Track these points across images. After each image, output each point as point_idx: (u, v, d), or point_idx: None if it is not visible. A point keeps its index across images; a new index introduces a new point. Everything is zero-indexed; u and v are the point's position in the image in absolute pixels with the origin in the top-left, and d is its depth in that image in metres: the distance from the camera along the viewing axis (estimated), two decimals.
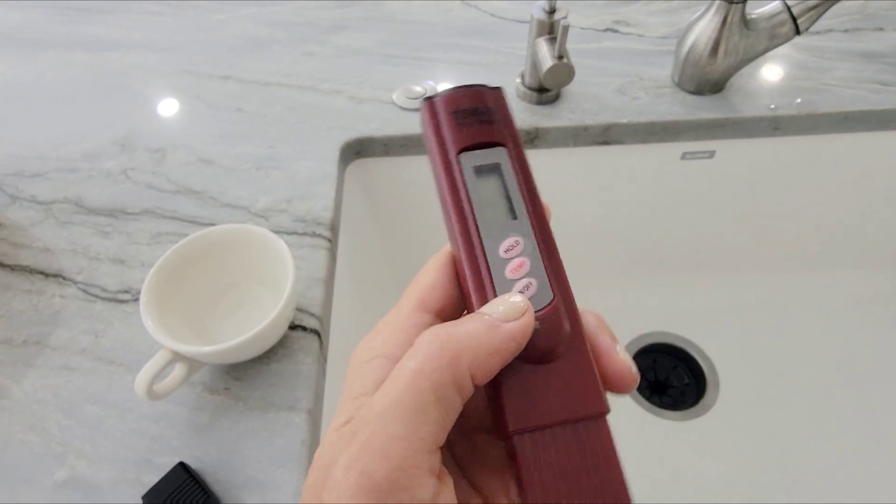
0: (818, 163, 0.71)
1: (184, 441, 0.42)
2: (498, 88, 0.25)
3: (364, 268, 0.70)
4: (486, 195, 0.23)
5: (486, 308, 0.20)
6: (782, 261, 0.86)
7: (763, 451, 0.75)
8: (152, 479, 0.39)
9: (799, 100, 0.65)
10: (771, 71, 0.69)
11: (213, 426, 0.42)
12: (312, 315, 0.48)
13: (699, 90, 0.65)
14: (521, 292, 0.21)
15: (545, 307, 0.21)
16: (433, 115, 0.25)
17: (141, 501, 0.38)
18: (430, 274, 0.23)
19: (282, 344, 0.46)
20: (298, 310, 0.48)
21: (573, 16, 0.78)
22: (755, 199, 0.76)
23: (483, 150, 0.24)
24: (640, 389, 0.81)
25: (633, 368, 0.21)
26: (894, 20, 0.76)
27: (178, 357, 0.40)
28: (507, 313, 0.20)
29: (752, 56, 0.61)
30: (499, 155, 0.24)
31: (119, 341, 0.47)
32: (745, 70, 0.67)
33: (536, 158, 0.67)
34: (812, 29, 0.66)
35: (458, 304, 0.23)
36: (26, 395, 0.44)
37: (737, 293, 0.88)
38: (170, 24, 0.82)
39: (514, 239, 0.22)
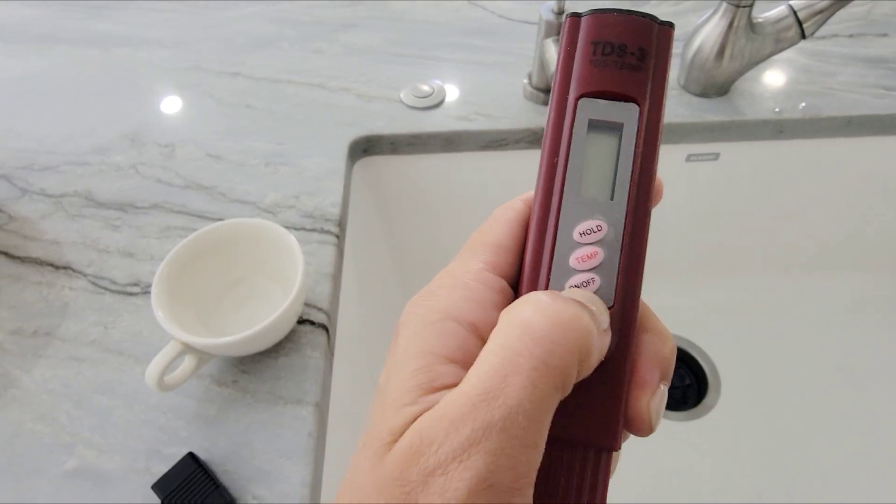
0: (821, 166, 0.71)
1: (192, 432, 0.42)
2: (667, 26, 0.20)
3: (371, 264, 0.71)
4: (589, 158, 0.19)
5: (594, 307, 0.17)
6: (784, 263, 0.87)
7: (764, 452, 0.75)
8: (161, 468, 0.40)
9: (803, 104, 0.65)
10: (776, 75, 0.70)
11: (221, 418, 0.43)
12: (320, 310, 0.48)
13: (705, 93, 0.66)
14: (575, 286, 0.19)
15: None
16: (572, 36, 0.20)
17: (150, 491, 0.39)
18: (500, 230, 0.20)
19: (290, 338, 0.46)
20: (306, 305, 0.48)
21: None
22: (758, 201, 0.76)
23: (611, 103, 0.19)
24: None
25: (654, 423, 0.19)
26: None
27: (187, 349, 0.40)
28: (606, 325, 0.18)
29: (758, 60, 0.62)
30: (627, 114, 0.19)
31: (128, 333, 0.48)
32: (750, 73, 0.67)
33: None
34: (817, 34, 0.67)
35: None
36: (36, 386, 0.45)
37: (739, 295, 0.88)
38: (179, 21, 0.83)
39: (596, 222, 0.19)
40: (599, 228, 0.19)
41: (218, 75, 0.72)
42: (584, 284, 0.18)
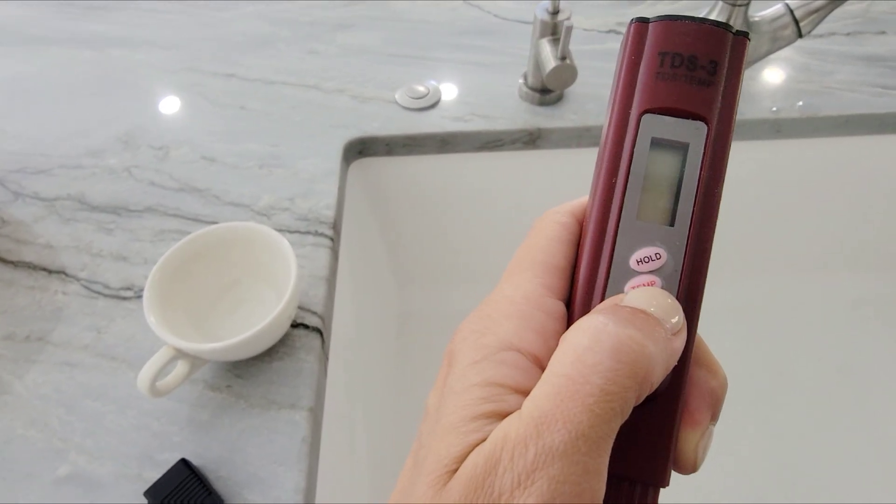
0: (819, 165, 0.71)
1: (185, 438, 0.42)
2: (743, 37, 0.18)
3: (366, 267, 0.70)
4: (651, 180, 0.18)
5: (658, 311, 0.17)
6: (782, 262, 0.86)
7: (762, 452, 0.75)
8: (154, 475, 0.40)
9: (801, 103, 0.65)
10: (773, 73, 0.69)
11: (214, 423, 0.42)
12: (314, 313, 0.48)
13: None
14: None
15: None
16: (637, 44, 0.19)
17: (143, 497, 0.38)
18: (552, 249, 0.19)
19: (283, 342, 0.46)
20: (300, 308, 0.48)
21: (576, 17, 0.78)
22: (756, 201, 0.76)
23: (678, 120, 0.18)
24: None
25: (699, 462, 0.18)
26: None
27: (180, 354, 0.40)
28: (678, 325, 0.17)
29: (755, 59, 0.61)
30: (694, 133, 0.18)
31: (121, 338, 0.47)
32: (747, 73, 0.67)
33: (539, 159, 0.67)
34: (814, 32, 0.66)
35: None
36: (28, 391, 0.45)
37: (737, 295, 0.88)
38: (174, 22, 0.82)
39: (655, 250, 0.18)
40: (658, 257, 0.18)
41: (213, 76, 0.72)
42: None
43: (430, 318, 0.88)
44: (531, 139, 0.64)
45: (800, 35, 0.59)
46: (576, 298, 0.18)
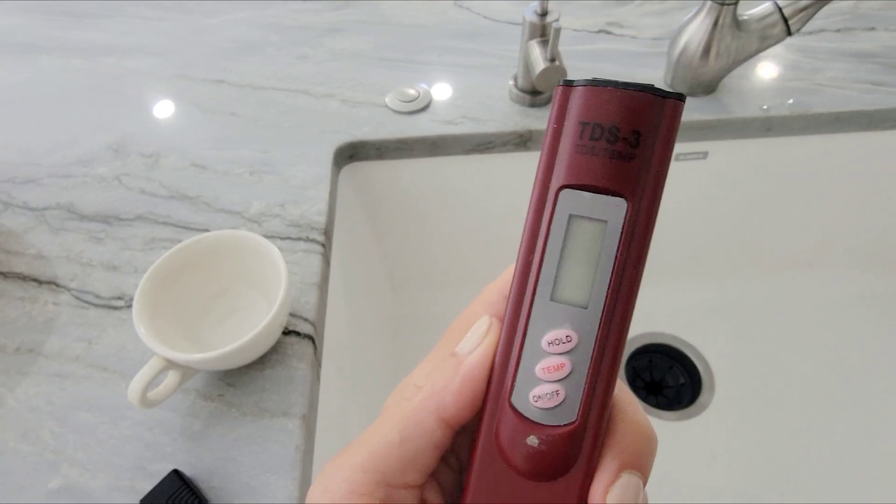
0: (810, 163, 0.71)
1: (178, 448, 0.42)
2: (674, 99, 0.17)
3: (358, 272, 0.70)
4: (567, 258, 0.17)
5: (460, 344, 0.19)
6: (776, 260, 0.86)
7: (758, 451, 0.75)
8: (146, 486, 0.39)
9: (791, 100, 0.65)
10: (763, 71, 0.69)
11: (206, 433, 0.42)
12: (306, 320, 0.48)
13: (692, 91, 0.65)
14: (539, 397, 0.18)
15: (559, 426, 0.17)
16: (560, 111, 0.17)
17: None
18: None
19: (275, 349, 0.46)
20: (292, 315, 0.48)
21: (566, 17, 0.78)
22: (748, 199, 0.76)
23: (596, 196, 0.17)
24: (635, 390, 0.81)
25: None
26: (886, 20, 0.76)
27: (171, 364, 0.40)
28: (473, 343, 0.19)
29: (744, 57, 0.61)
30: (613, 211, 0.17)
31: (112, 348, 0.47)
32: (737, 71, 0.67)
33: (530, 161, 0.67)
34: (804, 29, 0.66)
35: None
36: (19, 403, 0.44)
37: (731, 293, 0.88)
38: (164, 28, 0.82)
39: (566, 332, 0.17)
40: (569, 339, 0.17)
41: (202, 83, 0.72)
42: (549, 396, 0.18)
43: (424, 321, 0.88)
44: (522, 141, 0.64)
45: (789, 33, 0.59)
46: (492, 373, 0.18)
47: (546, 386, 0.17)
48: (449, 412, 0.18)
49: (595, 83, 0.17)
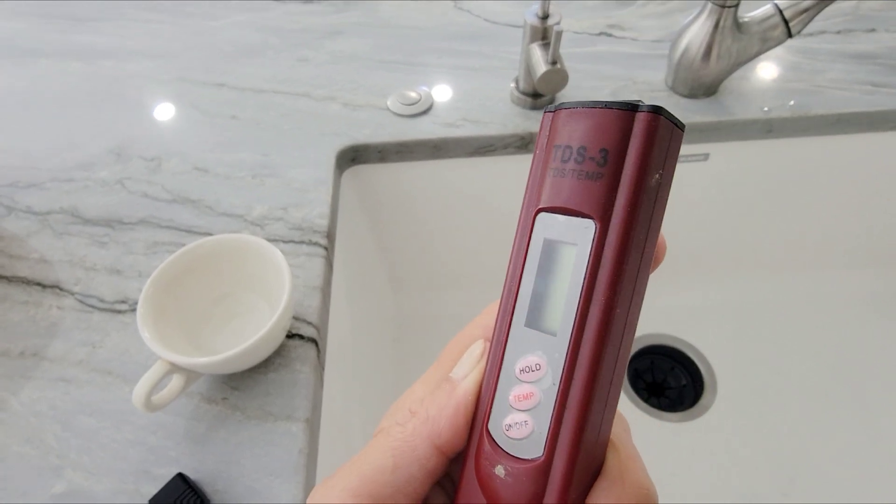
0: (812, 164, 0.71)
1: (182, 451, 0.42)
2: (651, 112, 0.16)
3: (361, 275, 0.70)
4: (540, 283, 0.17)
5: (454, 369, 0.19)
6: (777, 262, 0.86)
7: (760, 452, 0.75)
8: (151, 490, 0.40)
9: (792, 102, 0.65)
10: (764, 73, 0.69)
11: (210, 436, 0.42)
12: (309, 324, 0.48)
13: (693, 93, 0.65)
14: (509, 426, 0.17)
15: (524, 460, 0.17)
16: (541, 136, 0.18)
17: None
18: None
19: (279, 353, 0.46)
20: (295, 318, 0.48)
21: (567, 20, 0.78)
22: (749, 200, 0.76)
23: (568, 219, 0.17)
24: (637, 391, 0.81)
25: None
26: (886, 21, 0.76)
27: (175, 368, 0.40)
28: (468, 368, 0.19)
29: (745, 59, 0.61)
30: (581, 233, 0.16)
31: (116, 352, 0.47)
32: (738, 73, 0.67)
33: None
34: (805, 31, 0.66)
35: None
36: (23, 408, 0.44)
37: (733, 294, 0.88)
38: (164, 32, 0.82)
39: (535, 360, 0.17)
40: (538, 367, 0.17)
41: (203, 86, 0.72)
42: (518, 427, 0.17)
43: (426, 323, 0.88)
44: (523, 143, 0.64)
45: (790, 35, 0.59)
46: (479, 401, 0.18)
47: (517, 415, 0.17)
48: (443, 439, 0.18)
49: (570, 105, 0.17)
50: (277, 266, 0.43)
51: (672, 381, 0.82)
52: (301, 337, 0.47)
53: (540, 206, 0.17)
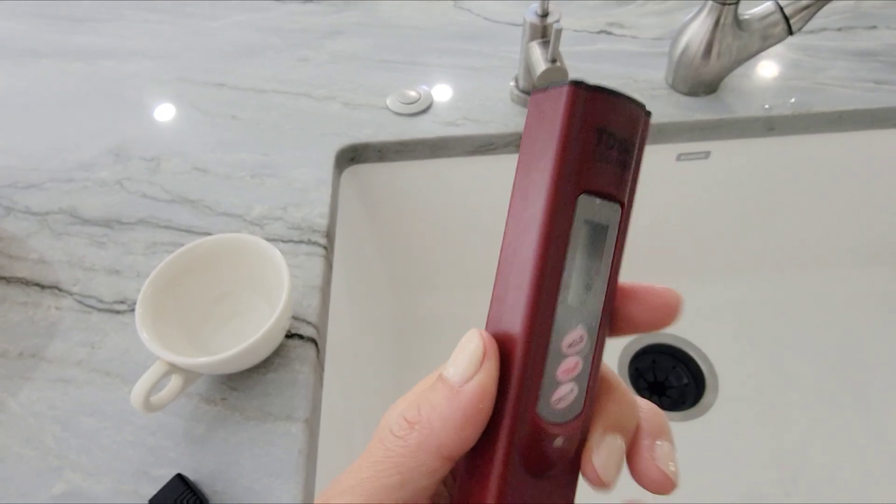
0: (813, 162, 0.71)
1: (181, 452, 0.41)
2: (648, 117, 0.18)
3: (361, 274, 0.70)
4: (580, 264, 0.18)
5: (447, 368, 0.18)
6: (779, 260, 0.86)
7: (763, 451, 0.75)
8: (150, 491, 0.39)
9: (793, 99, 0.65)
10: (765, 71, 0.69)
11: (210, 437, 0.42)
12: (309, 323, 0.48)
13: (693, 91, 0.65)
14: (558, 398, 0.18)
15: (572, 421, 0.18)
16: (569, 114, 0.16)
17: None
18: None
19: (278, 353, 0.46)
20: (295, 318, 0.48)
21: (567, 18, 0.78)
22: (751, 199, 0.76)
23: (604, 203, 0.17)
24: (639, 390, 0.81)
25: (605, 476, 0.19)
26: (887, 18, 0.76)
27: (173, 368, 0.40)
28: (468, 369, 0.17)
29: (746, 57, 0.61)
30: (613, 215, 0.18)
31: (115, 352, 0.47)
32: (738, 70, 0.67)
33: None
34: (805, 28, 0.66)
35: None
36: (22, 408, 0.44)
37: (734, 293, 0.88)
38: (164, 32, 0.82)
39: (580, 333, 0.18)
40: (581, 339, 0.18)
41: (203, 86, 0.72)
42: (566, 397, 0.18)
43: (426, 323, 0.87)
44: None
45: (790, 32, 0.59)
46: (510, 385, 0.17)
47: (564, 387, 0.18)
48: (451, 449, 0.17)
49: (609, 92, 0.17)
50: (276, 266, 0.43)
51: (674, 380, 0.82)
52: (300, 337, 0.47)
53: (586, 188, 0.17)
